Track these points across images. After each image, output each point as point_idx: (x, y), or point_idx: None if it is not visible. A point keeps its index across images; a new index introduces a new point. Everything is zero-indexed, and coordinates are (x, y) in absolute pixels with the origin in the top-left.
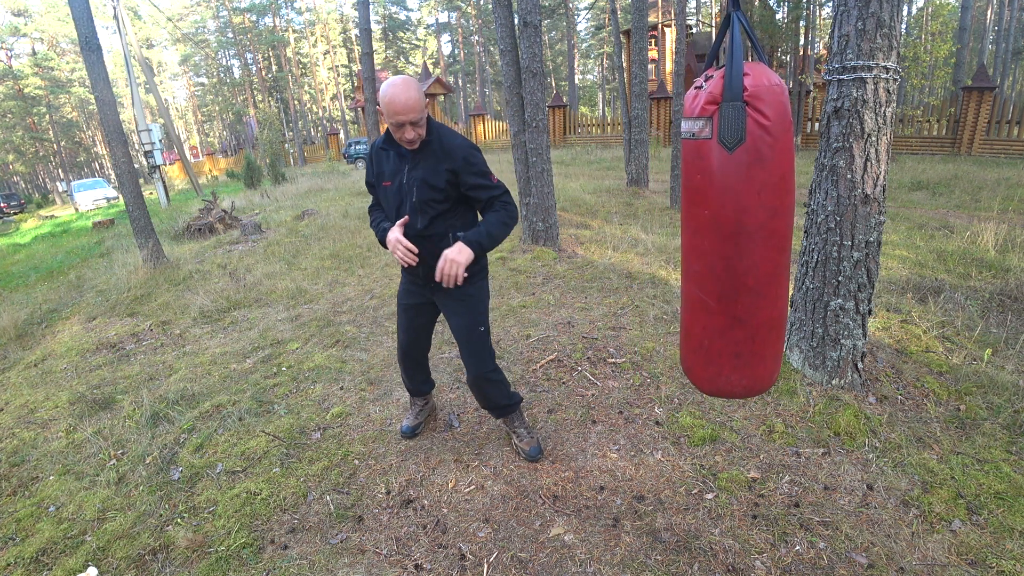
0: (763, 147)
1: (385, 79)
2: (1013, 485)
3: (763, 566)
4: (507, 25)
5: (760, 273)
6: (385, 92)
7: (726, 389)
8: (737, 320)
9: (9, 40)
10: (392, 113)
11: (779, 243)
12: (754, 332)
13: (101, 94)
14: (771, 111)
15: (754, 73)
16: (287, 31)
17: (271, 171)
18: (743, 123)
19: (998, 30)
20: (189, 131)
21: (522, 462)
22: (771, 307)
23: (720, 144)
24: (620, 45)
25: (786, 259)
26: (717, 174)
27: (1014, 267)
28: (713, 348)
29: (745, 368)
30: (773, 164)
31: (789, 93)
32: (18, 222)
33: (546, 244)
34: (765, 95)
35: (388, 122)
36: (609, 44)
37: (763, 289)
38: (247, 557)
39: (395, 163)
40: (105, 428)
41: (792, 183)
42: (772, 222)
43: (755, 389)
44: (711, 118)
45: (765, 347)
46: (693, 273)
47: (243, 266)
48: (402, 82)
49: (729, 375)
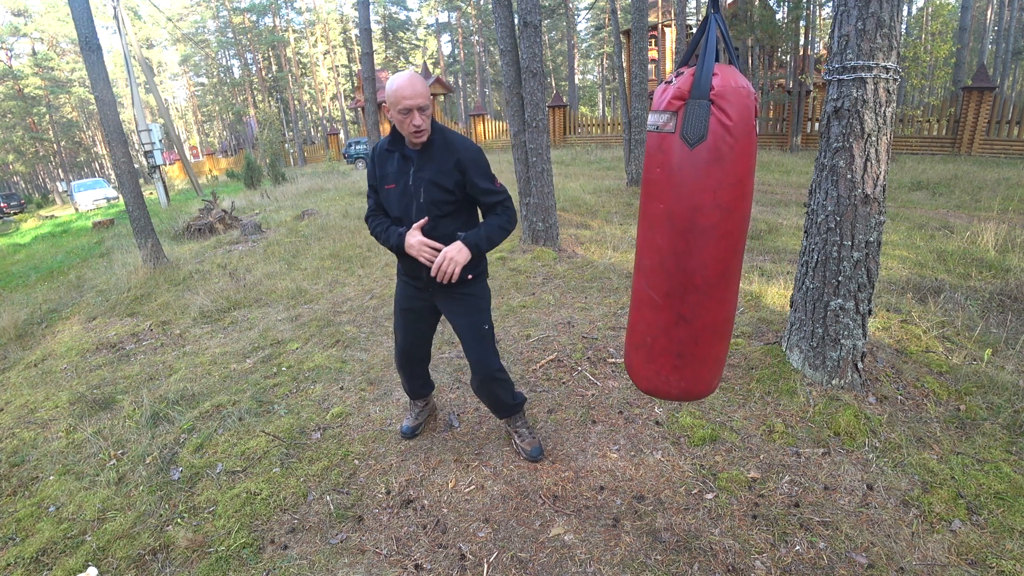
0: (723, 147)
1: (385, 79)
2: (1013, 485)
3: (763, 566)
4: (507, 25)
5: (709, 273)
6: (391, 82)
7: (663, 389)
8: (682, 319)
9: (9, 40)
10: (399, 98)
11: (731, 244)
12: (698, 333)
13: (101, 94)
14: (735, 112)
15: (723, 74)
16: (287, 31)
17: (271, 171)
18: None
19: (998, 30)
20: (189, 131)
21: (522, 462)
22: (717, 309)
23: (682, 140)
24: (620, 45)
25: (737, 262)
26: (676, 169)
27: (1014, 267)
28: (656, 346)
29: (686, 369)
30: (731, 165)
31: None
32: (18, 222)
33: (546, 244)
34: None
35: (394, 111)
36: (609, 44)
37: (711, 290)
38: (247, 557)
39: (399, 165)
40: (105, 428)
41: (750, 187)
42: (725, 223)
43: (693, 393)
44: (676, 113)
45: (707, 350)
46: (644, 267)
47: (243, 266)
48: (408, 73)
49: (668, 375)
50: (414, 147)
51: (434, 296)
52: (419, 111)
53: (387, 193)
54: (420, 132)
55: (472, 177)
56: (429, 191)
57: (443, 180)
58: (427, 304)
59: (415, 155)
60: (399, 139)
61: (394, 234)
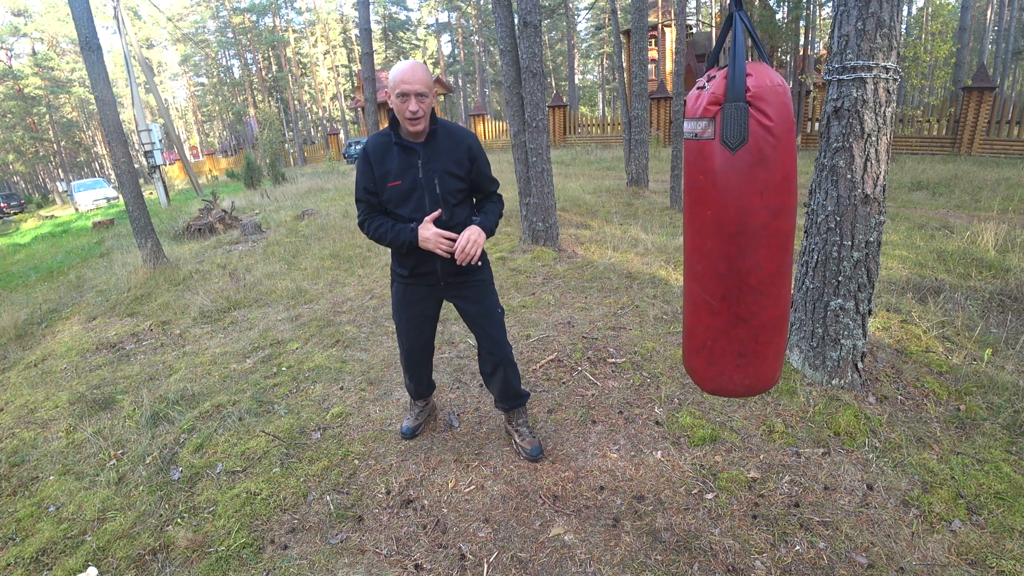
0: (766, 148)
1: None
2: (1013, 485)
3: (763, 566)
4: (507, 25)
5: (763, 273)
6: (395, 68)
7: (728, 388)
8: (740, 319)
9: (9, 40)
10: (399, 82)
11: (782, 243)
12: (757, 331)
13: (101, 94)
14: (774, 112)
15: (756, 73)
16: (287, 31)
17: (271, 171)
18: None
19: (998, 30)
20: (189, 131)
21: (522, 462)
22: (774, 306)
23: (723, 145)
24: (620, 45)
25: (789, 258)
26: (720, 175)
27: (1014, 267)
28: (716, 348)
29: (748, 367)
30: (776, 164)
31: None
32: (18, 222)
33: (546, 244)
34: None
35: (393, 96)
36: (609, 44)
37: (766, 289)
38: (247, 557)
39: (401, 159)
40: (105, 428)
41: (794, 183)
42: (775, 222)
43: (757, 388)
44: (714, 119)
45: (768, 346)
46: (696, 273)
47: (243, 266)
48: (412, 61)
49: (732, 374)
50: (413, 138)
51: (445, 291)
52: (416, 97)
53: (392, 191)
54: (416, 120)
55: (480, 165)
56: (445, 181)
57: (457, 169)
58: (433, 302)
59: (420, 147)
60: (396, 128)
61: (405, 231)
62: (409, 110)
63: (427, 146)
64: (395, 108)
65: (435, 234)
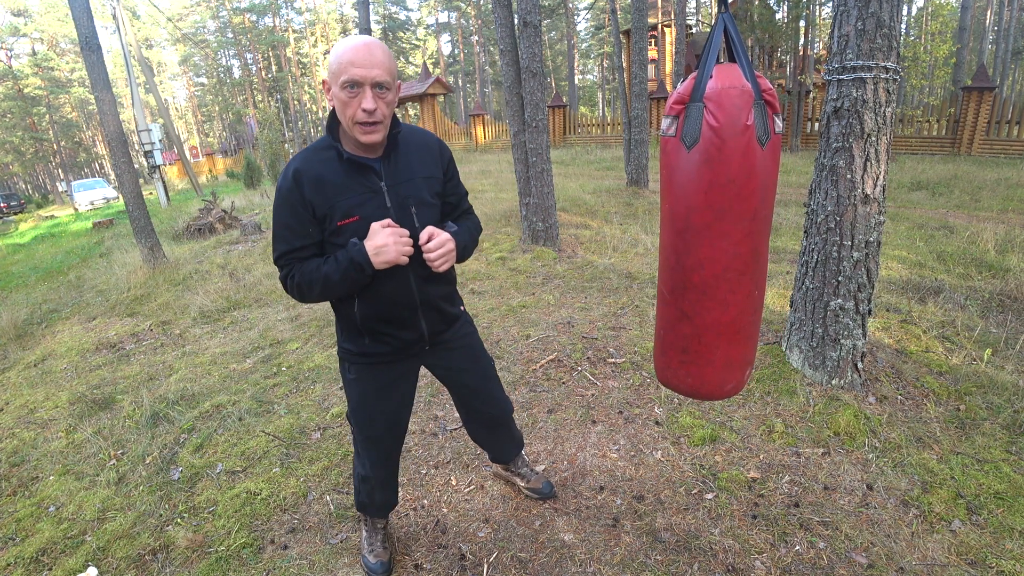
0: (711, 148)
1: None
2: (1013, 485)
3: (763, 566)
4: (507, 25)
5: (707, 273)
6: (336, 46)
7: (674, 383)
8: (684, 315)
9: (9, 40)
10: (346, 65)
11: (729, 247)
12: (700, 331)
13: (101, 94)
14: (721, 114)
15: (719, 75)
16: (287, 31)
17: (271, 171)
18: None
19: (998, 30)
20: (189, 131)
21: None
22: (720, 311)
23: (681, 142)
24: (620, 45)
25: (739, 264)
26: (676, 171)
27: (1014, 267)
28: (666, 339)
29: (692, 366)
30: (720, 166)
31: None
32: (18, 222)
33: (546, 244)
34: (719, 97)
35: (335, 87)
36: (609, 44)
37: (710, 290)
38: (247, 557)
39: (357, 182)
40: (105, 428)
41: (748, 189)
42: (719, 224)
43: (702, 392)
44: (678, 117)
45: (712, 351)
46: (660, 265)
47: (243, 266)
48: (364, 37)
49: (676, 369)
50: (367, 151)
51: (426, 356)
52: (374, 89)
53: (344, 232)
54: (372, 126)
55: (456, 180)
56: (424, 211)
57: (433, 187)
58: (412, 378)
59: (378, 163)
60: (337, 139)
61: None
62: (363, 109)
63: (388, 161)
64: (338, 106)
65: (392, 234)
